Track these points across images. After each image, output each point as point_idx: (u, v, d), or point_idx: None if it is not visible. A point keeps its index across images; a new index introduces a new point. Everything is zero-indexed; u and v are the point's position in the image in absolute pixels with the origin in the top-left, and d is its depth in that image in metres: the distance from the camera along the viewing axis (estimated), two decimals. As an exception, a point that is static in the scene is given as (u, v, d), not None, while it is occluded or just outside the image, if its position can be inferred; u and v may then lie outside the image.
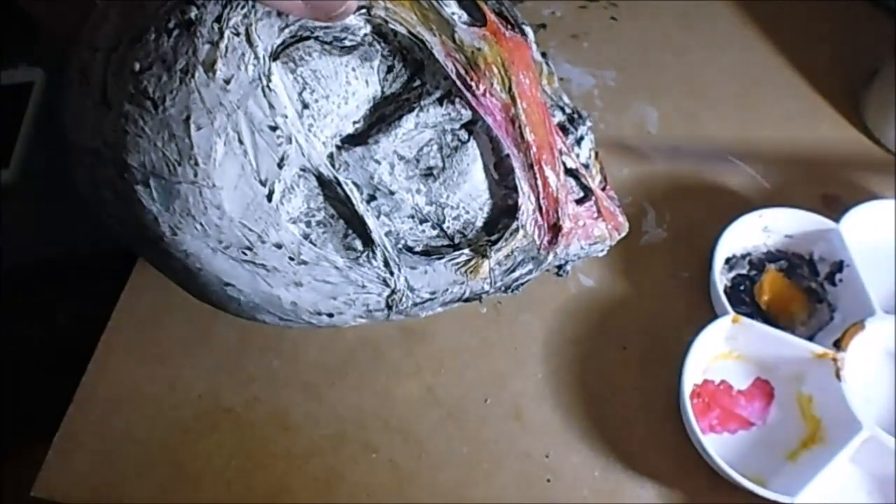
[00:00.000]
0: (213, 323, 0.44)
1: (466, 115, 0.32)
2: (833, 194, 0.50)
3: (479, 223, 0.34)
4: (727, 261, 0.46)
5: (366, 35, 0.31)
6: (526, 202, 0.33)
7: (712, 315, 0.43)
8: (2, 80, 0.64)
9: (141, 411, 0.41)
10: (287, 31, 0.29)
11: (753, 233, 0.46)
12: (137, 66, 0.28)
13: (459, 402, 0.42)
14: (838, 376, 0.40)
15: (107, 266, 0.47)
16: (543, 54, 0.37)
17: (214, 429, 0.41)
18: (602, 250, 0.38)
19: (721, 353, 0.43)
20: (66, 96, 0.32)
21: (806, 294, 0.46)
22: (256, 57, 0.28)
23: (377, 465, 0.40)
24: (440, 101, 0.31)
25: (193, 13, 0.28)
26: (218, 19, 0.28)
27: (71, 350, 0.44)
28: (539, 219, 0.33)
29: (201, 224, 0.29)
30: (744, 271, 0.46)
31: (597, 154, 0.38)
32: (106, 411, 0.41)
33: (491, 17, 0.32)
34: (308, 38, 0.29)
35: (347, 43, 0.30)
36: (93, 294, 0.47)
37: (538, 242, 0.34)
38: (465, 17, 0.31)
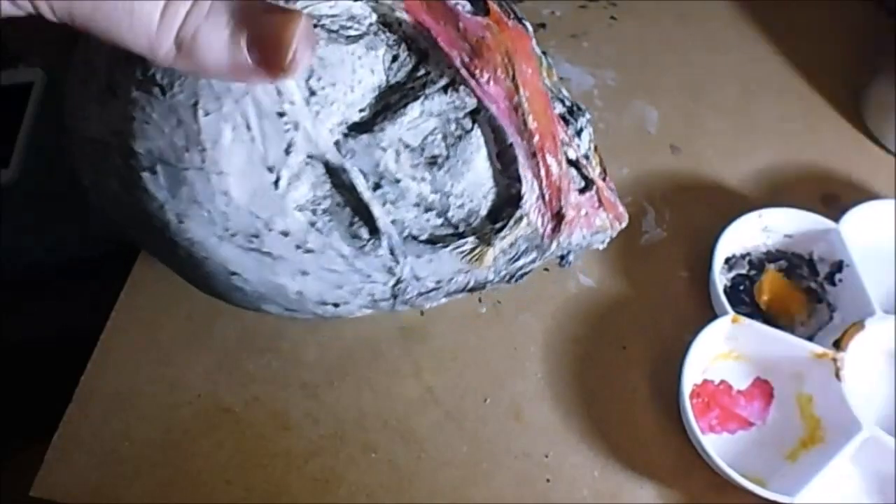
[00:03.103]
0: (212, 323, 0.44)
1: (471, 103, 0.32)
2: (833, 194, 0.50)
3: (483, 212, 0.34)
4: (727, 260, 0.46)
5: (371, 24, 0.31)
6: (529, 190, 0.33)
7: (712, 315, 0.43)
8: (2, 80, 0.64)
9: (140, 411, 0.41)
10: None
11: (753, 233, 0.46)
12: None
13: (459, 402, 0.42)
14: (838, 376, 0.40)
15: (106, 266, 0.47)
16: (543, 53, 0.37)
17: (214, 429, 0.41)
18: (603, 241, 0.38)
19: (721, 352, 0.43)
20: (68, 86, 0.32)
21: (806, 294, 0.46)
22: None
23: (376, 465, 0.40)
24: (445, 90, 0.31)
25: None
26: None
27: (71, 350, 0.44)
28: (542, 207, 0.33)
29: (208, 211, 0.29)
30: (743, 271, 0.46)
31: (596, 147, 0.38)
32: (106, 411, 0.41)
33: (493, 6, 0.32)
34: (315, 25, 0.29)
35: (353, 32, 0.30)
36: (92, 294, 0.47)
37: (541, 231, 0.34)
38: (468, 6, 0.32)
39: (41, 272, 0.62)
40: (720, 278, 0.45)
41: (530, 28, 0.34)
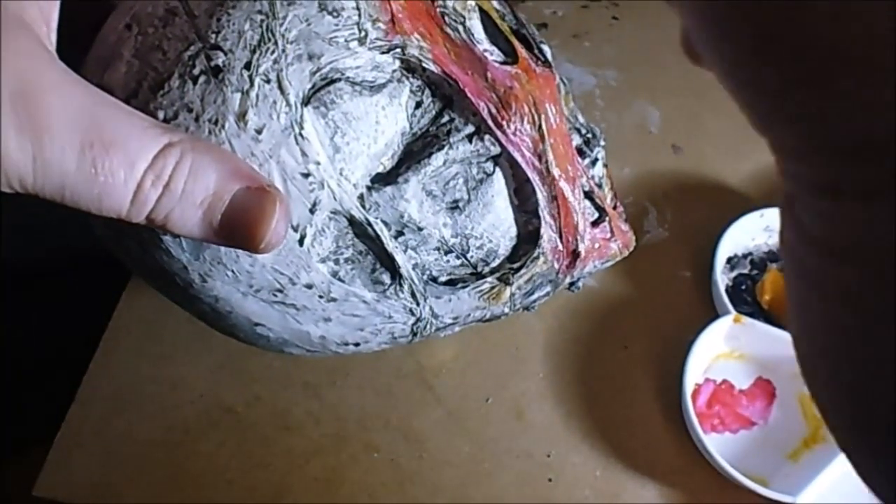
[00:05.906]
0: (214, 322, 0.44)
1: (495, 150, 0.31)
2: (834, 194, 0.50)
3: (502, 251, 0.34)
4: (729, 260, 0.46)
5: (394, 71, 0.30)
6: (548, 231, 0.33)
7: (714, 315, 0.43)
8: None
9: (142, 411, 0.41)
10: (318, 74, 0.28)
11: (755, 232, 0.46)
12: (161, 116, 0.27)
13: (460, 402, 0.42)
14: (840, 376, 0.40)
15: (106, 266, 0.47)
16: (561, 80, 0.37)
17: (215, 428, 0.41)
18: (610, 264, 0.38)
19: (722, 352, 0.43)
20: None
21: (807, 294, 0.46)
22: (288, 104, 0.27)
23: (378, 465, 0.40)
24: (469, 138, 0.31)
25: (221, 59, 0.27)
26: (247, 66, 0.27)
27: (71, 350, 0.44)
28: (559, 246, 0.33)
29: (232, 271, 0.29)
30: (745, 271, 0.46)
31: (608, 170, 0.38)
32: (107, 411, 0.41)
33: (522, 53, 0.31)
34: (338, 79, 0.29)
35: (378, 82, 0.30)
36: (92, 295, 0.47)
37: (557, 268, 0.34)
38: (496, 53, 0.31)
39: (41, 272, 0.62)
40: (722, 278, 0.45)
41: (549, 53, 0.34)
